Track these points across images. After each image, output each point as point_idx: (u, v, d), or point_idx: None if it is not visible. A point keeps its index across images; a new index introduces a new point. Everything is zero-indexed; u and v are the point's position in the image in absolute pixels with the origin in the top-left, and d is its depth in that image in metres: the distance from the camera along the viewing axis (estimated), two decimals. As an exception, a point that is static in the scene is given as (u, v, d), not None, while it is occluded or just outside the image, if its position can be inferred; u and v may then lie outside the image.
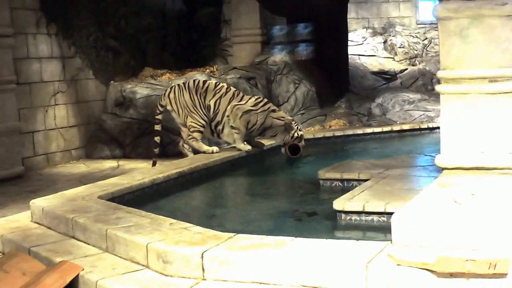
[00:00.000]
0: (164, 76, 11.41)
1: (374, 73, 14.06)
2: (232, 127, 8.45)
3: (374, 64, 14.33)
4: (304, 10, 12.50)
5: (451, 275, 3.46)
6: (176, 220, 4.86)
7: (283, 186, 7.73)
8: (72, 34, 10.42)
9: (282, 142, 8.61)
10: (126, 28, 11.44)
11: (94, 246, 4.79)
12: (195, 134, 8.50)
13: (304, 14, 12.74)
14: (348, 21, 13.94)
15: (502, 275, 3.40)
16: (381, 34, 15.24)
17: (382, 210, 5.19)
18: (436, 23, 5.31)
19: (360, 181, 6.34)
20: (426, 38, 15.06)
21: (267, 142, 8.95)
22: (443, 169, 4.93)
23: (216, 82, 8.90)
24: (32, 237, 5.20)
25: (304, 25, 12.99)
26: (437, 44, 13.60)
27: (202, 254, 4.02)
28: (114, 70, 11.16)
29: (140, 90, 10.62)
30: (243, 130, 8.45)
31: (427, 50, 14.78)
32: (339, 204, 5.41)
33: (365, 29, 15.49)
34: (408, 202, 4.34)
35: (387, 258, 3.70)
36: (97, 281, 4.11)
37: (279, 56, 12.62)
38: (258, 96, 9.29)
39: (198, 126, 8.51)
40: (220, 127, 8.59)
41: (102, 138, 10.59)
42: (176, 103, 8.61)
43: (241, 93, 8.80)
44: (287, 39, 13.00)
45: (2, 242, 5.31)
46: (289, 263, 3.84)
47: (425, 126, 10.70)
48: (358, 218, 5.33)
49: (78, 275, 4.25)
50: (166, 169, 7.31)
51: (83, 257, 4.57)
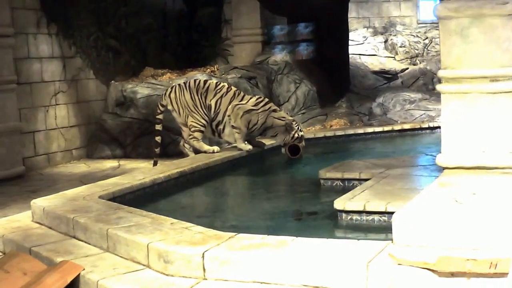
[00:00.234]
0: (164, 76, 11.41)
1: (375, 72, 14.06)
2: (233, 127, 8.45)
3: (375, 63, 14.32)
4: (304, 10, 12.50)
5: (452, 275, 3.46)
6: (177, 219, 4.86)
7: (284, 186, 7.73)
8: (72, 34, 10.42)
9: (282, 142, 8.60)
10: (127, 28, 11.44)
11: (95, 246, 4.79)
12: (196, 134, 8.50)
13: (304, 14, 12.74)
14: (348, 20, 13.93)
15: (503, 275, 3.40)
16: (382, 34, 15.23)
17: (383, 210, 5.20)
18: (437, 23, 5.31)
19: (361, 180, 6.34)
20: (427, 38, 15.05)
21: (268, 142, 8.95)
22: (444, 168, 4.92)
23: (217, 82, 8.90)
24: (33, 237, 5.21)
25: (304, 24, 12.98)
26: (438, 43, 13.62)
27: (203, 254, 4.02)
28: (114, 70, 11.16)
29: (140, 90, 10.62)
30: (244, 129, 8.45)
31: (428, 50, 14.77)
32: (340, 203, 5.41)
33: (365, 28, 15.48)
34: (409, 202, 4.34)
35: (388, 257, 3.70)
36: (98, 281, 4.11)
37: (280, 55, 12.61)
38: (259, 95, 9.29)
39: (199, 126, 8.51)
40: (221, 127, 8.59)
41: (102, 138, 10.60)
42: (177, 103, 8.61)
43: (242, 92, 8.80)
44: (288, 39, 12.99)
45: (3, 242, 5.31)
46: (290, 263, 3.84)
47: (426, 125, 10.70)
48: (359, 218, 5.33)
49: (79, 275, 4.25)
50: (167, 168, 7.31)
51: (84, 257, 4.57)
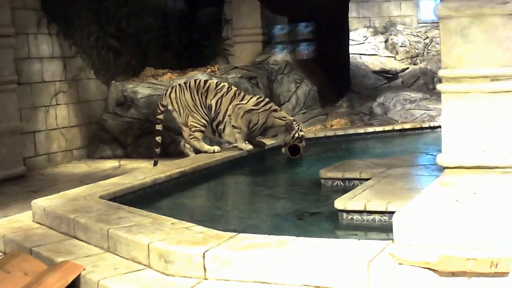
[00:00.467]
0: (165, 75, 11.40)
1: (376, 72, 14.06)
2: (233, 127, 8.45)
3: (375, 63, 14.32)
4: (305, 10, 12.50)
5: (453, 274, 3.46)
6: (177, 219, 4.86)
7: (285, 186, 7.73)
8: (73, 34, 10.42)
9: (283, 142, 8.60)
10: (127, 28, 11.45)
11: (95, 246, 4.80)
12: (197, 134, 8.50)
13: (305, 14, 12.74)
14: (349, 20, 13.94)
15: (504, 274, 3.40)
16: (382, 33, 15.23)
17: (384, 209, 5.20)
18: (437, 22, 5.30)
19: (361, 180, 6.35)
20: (427, 37, 15.04)
21: (269, 142, 8.95)
22: (445, 168, 4.92)
23: (217, 82, 8.90)
24: (33, 237, 5.21)
25: (305, 24, 12.98)
26: (438, 43, 13.62)
27: (204, 254, 4.02)
28: (115, 70, 11.16)
29: (141, 89, 10.62)
30: (245, 129, 8.45)
31: (428, 49, 14.77)
32: (341, 203, 5.41)
33: (366, 28, 15.48)
34: (409, 201, 4.34)
35: (389, 257, 3.70)
36: (98, 281, 4.11)
37: (280, 55, 12.60)
38: (259, 95, 9.29)
39: (200, 126, 8.51)
40: (221, 127, 8.59)
41: (103, 138, 10.60)
42: (177, 103, 8.61)
43: (242, 92, 8.80)
44: (288, 39, 12.99)
45: (4, 242, 5.32)
46: (291, 263, 3.84)
47: (426, 125, 10.71)
48: (359, 218, 5.33)
49: (79, 275, 4.25)
50: (168, 168, 7.31)
51: (85, 257, 4.57)
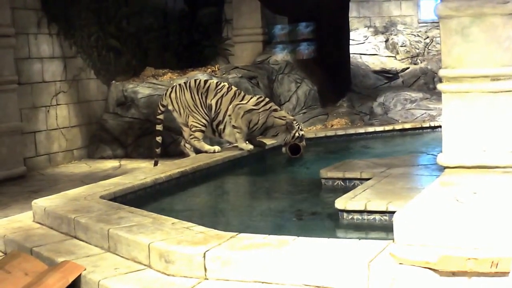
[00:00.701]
0: (165, 75, 11.40)
1: (376, 72, 14.06)
2: (234, 127, 8.45)
3: (375, 63, 14.32)
4: (305, 9, 12.50)
5: (453, 274, 3.46)
6: (178, 219, 4.86)
7: (285, 186, 7.72)
8: (73, 34, 10.42)
9: (283, 141, 8.60)
10: (128, 27, 11.44)
11: (96, 246, 4.80)
12: (197, 134, 8.50)
13: (305, 13, 12.74)
14: (349, 20, 13.94)
15: (504, 274, 3.40)
16: (382, 33, 15.23)
17: (384, 209, 5.20)
18: (437, 22, 5.30)
19: (362, 180, 6.34)
20: (428, 37, 15.04)
21: (269, 142, 8.95)
22: (445, 168, 4.92)
23: (217, 82, 8.90)
24: (34, 237, 5.21)
25: (305, 24, 12.98)
26: (438, 42, 13.62)
27: (204, 254, 4.03)
28: (115, 70, 11.16)
29: (141, 89, 10.62)
30: (245, 129, 8.44)
31: (429, 49, 14.77)
32: (341, 203, 5.41)
33: (366, 28, 15.48)
34: (410, 201, 4.34)
35: (389, 257, 3.70)
36: (99, 281, 4.11)
37: (281, 55, 12.60)
38: (259, 95, 9.29)
39: (200, 126, 8.51)
40: (221, 127, 8.59)
41: (104, 138, 10.60)
42: (177, 103, 8.61)
43: (242, 92, 8.80)
44: (289, 38, 12.99)
45: (5, 242, 5.31)
46: (291, 263, 3.84)
47: (427, 125, 10.70)
48: (360, 217, 5.33)
49: (80, 275, 4.25)
50: (168, 168, 7.31)
51: (85, 257, 4.57)
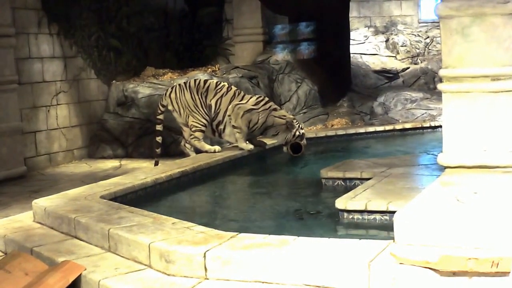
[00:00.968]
0: (166, 75, 11.41)
1: (376, 72, 14.06)
2: (233, 127, 8.45)
3: (376, 63, 14.33)
4: (306, 9, 12.50)
5: (454, 274, 3.46)
6: (178, 219, 4.86)
7: (285, 185, 7.72)
8: (74, 34, 10.42)
9: (283, 141, 8.60)
10: (128, 27, 11.44)
11: (96, 245, 4.80)
12: (197, 134, 8.50)
13: (306, 13, 12.74)
14: (350, 19, 13.94)
15: (505, 274, 3.40)
16: (383, 33, 15.24)
17: (385, 209, 5.20)
18: (438, 22, 5.30)
19: (362, 180, 6.34)
20: (428, 37, 15.05)
21: (269, 142, 8.95)
22: (446, 167, 4.91)
23: (217, 82, 8.90)
24: (34, 237, 5.21)
25: (306, 24, 12.97)
26: (439, 42, 13.62)
27: (205, 254, 4.02)
28: (116, 69, 11.16)
29: (142, 89, 10.62)
30: (245, 129, 8.44)
31: (429, 49, 14.77)
32: (342, 203, 5.41)
33: (367, 27, 15.49)
34: (410, 201, 4.34)
35: (390, 257, 3.70)
36: (99, 281, 4.11)
37: (281, 55, 12.60)
38: (259, 95, 9.29)
39: (200, 126, 8.51)
40: (221, 127, 8.59)
41: (104, 137, 10.60)
42: (177, 103, 8.61)
43: (242, 92, 8.80)
44: (289, 38, 12.98)
45: (5, 242, 5.31)
46: (291, 262, 3.84)
47: (427, 124, 10.70)
48: (360, 217, 5.33)
49: (80, 275, 4.25)
50: (169, 168, 7.31)
51: (86, 257, 4.57)
